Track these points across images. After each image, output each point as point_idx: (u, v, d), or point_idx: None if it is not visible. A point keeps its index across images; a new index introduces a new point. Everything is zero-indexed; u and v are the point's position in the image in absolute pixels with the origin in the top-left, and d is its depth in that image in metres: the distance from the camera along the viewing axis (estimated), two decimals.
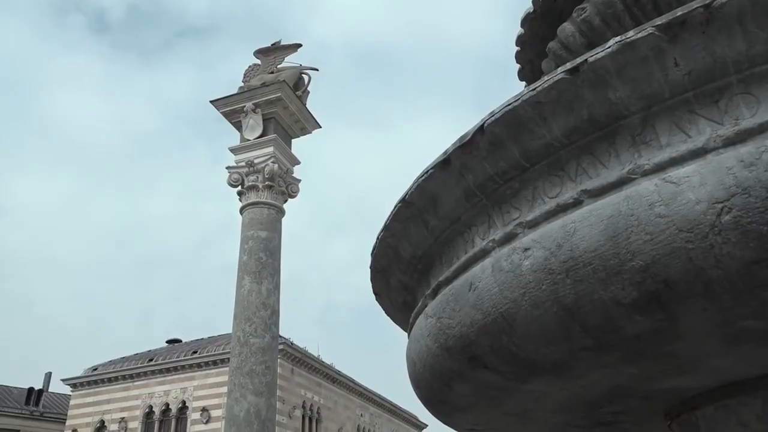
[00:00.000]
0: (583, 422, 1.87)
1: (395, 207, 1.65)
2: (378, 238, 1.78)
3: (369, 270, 1.94)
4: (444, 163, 1.46)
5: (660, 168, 1.14)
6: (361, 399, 50.95)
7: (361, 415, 50.17)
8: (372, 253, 1.86)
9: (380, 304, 2.15)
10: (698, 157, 1.11)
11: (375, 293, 2.07)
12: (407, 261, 1.77)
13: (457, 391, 1.61)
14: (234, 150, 12.34)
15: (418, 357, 1.66)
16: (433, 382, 1.65)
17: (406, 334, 1.94)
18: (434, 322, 1.52)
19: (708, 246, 1.05)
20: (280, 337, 14.32)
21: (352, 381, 49.49)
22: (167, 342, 47.76)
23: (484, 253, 1.41)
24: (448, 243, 1.59)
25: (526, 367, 1.41)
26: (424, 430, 64.11)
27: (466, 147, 1.40)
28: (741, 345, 1.28)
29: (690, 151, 1.13)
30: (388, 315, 2.20)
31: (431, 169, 1.49)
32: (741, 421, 1.57)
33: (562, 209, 1.25)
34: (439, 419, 1.97)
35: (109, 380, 42.44)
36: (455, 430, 2.10)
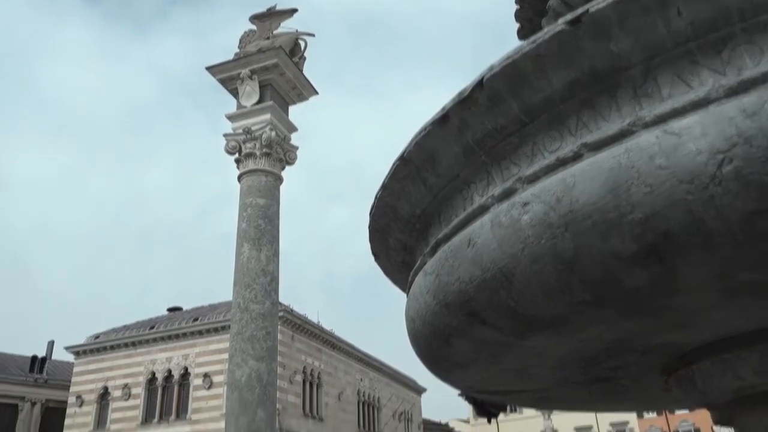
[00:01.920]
0: (581, 378, 1.89)
1: (393, 165, 1.64)
2: (376, 197, 1.77)
3: (367, 230, 1.93)
4: (442, 120, 1.44)
5: (661, 120, 1.13)
6: (361, 364, 51.64)
7: (361, 380, 50.91)
8: (370, 213, 1.85)
9: (379, 265, 2.15)
10: (700, 107, 1.09)
11: (374, 254, 2.07)
12: (406, 220, 1.76)
13: (455, 347, 1.62)
14: (231, 117, 12.25)
15: (417, 314, 1.67)
16: (431, 338, 1.66)
17: (404, 302, 1.94)
18: (433, 279, 1.52)
19: (708, 197, 1.04)
20: (280, 304, 14.43)
21: (352, 347, 50.10)
22: (168, 310, 48.18)
23: (482, 210, 1.40)
24: (447, 201, 1.59)
25: (525, 323, 1.42)
26: (423, 394, 65.13)
27: (464, 103, 1.38)
28: (739, 298, 1.29)
29: (692, 102, 1.11)
30: (386, 275, 2.21)
31: (429, 125, 1.48)
32: (737, 375, 1.59)
33: (562, 163, 1.24)
34: (438, 377, 1.99)
35: (112, 348, 42.94)
36: (454, 387, 2.12)
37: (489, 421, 2.36)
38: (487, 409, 2.28)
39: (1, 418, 44.03)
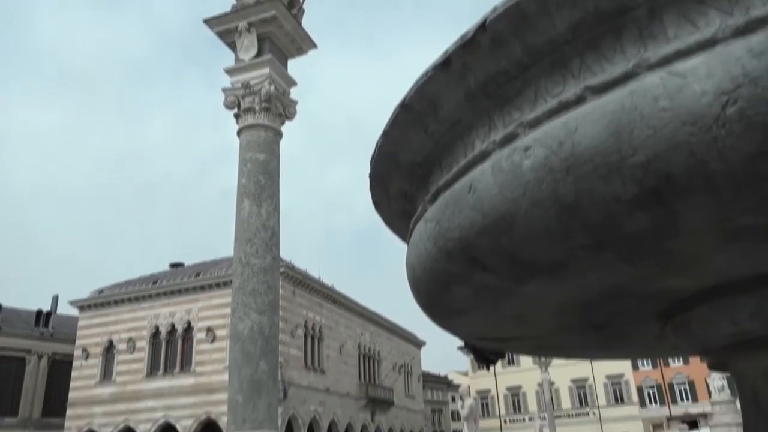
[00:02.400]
0: (580, 325, 1.92)
1: (394, 112, 1.62)
2: (377, 145, 1.76)
3: (368, 179, 1.93)
4: (444, 64, 1.42)
5: (666, 61, 1.11)
6: (362, 319, 52.42)
7: (362, 334, 51.77)
8: (371, 162, 1.85)
9: (379, 214, 2.16)
10: (706, 48, 1.08)
11: (374, 203, 2.08)
12: (407, 168, 1.76)
13: (455, 294, 1.64)
14: (229, 71, 12.09)
15: (417, 262, 1.68)
16: (432, 285, 1.67)
17: (403, 257, 1.95)
18: (433, 226, 1.53)
19: (711, 139, 1.04)
20: (281, 260, 14.54)
21: (352, 302, 50.76)
22: (170, 266, 48.58)
23: (484, 156, 1.40)
24: (448, 147, 1.58)
25: (525, 268, 1.43)
26: (423, 347, 66.33)
27: (467, 46, 1.36)
28: (739, 242, 1.29)
29: (698, 42, 1.09)
30: (387, 225, 2.22)
31: (431, 70, 1.46)
32: (734, 320, 1.61)
33: (565, 107, 1.23)
34: (438, 324, 2.02)
35: (116, 303, 43.48)
36: (454, 335, 2.15)
37: (487, 368, 2.41)
38: (486, 356, 2.32)
39: (9, 370, 44.96)
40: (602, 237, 1.26)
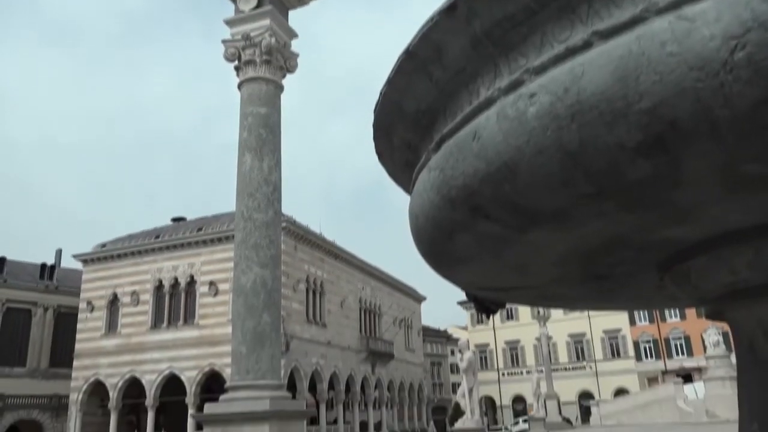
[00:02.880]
0: (579, 275, 1.94)
1: (398, 60, 1.61)
2: (381, 93, 1.75)
3: (372, 128, 1.93)
4: (450, 9, 1.40)
5: (674, 5, 1.10)
6: (363, 274, 52.93)
7: (363, 289, 52.36)
8: (375, 111, 1.84)
9: (383, 165, 2.16)
10: None
11: (377, 153, 2.08)
12: (411, 117, 1.75)
13: (458, 242, 1.66)
14: (229, 22, 11.89)
15: (420, 211, 1.69)
16: (434, 234, 1.69)
17: (404, 213, 1.95)
18: (437, 174, 1.54)
19: (718, 85, 1.03)
20: (283, 215, 14.59)
21: (354, 257, 51.15)
22: (172, 220, 48.79)
23: (488, 103, 1.39)
24: (453, 95, 1.57)
25: (527, 217, 1.44)
26: (423, 302, 67.16)
27: None
28: (740, 191, 1.30)
29: None
30: (390, 176, 2.22)
31: (436, 16, 1.44)
32: (732, 270, 1.63)
33: (571, 53, 1.22)
34: (440, 273, 2.04)
35: (119, 256, 43.85)
36: (455, 284, 2.18)
37: (488, 317, 2.45)
38: (487, 306, 2.36)
39: (16, 322, 45.73)
40: (604, 185, 1.27)
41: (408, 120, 1.77)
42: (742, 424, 1.79)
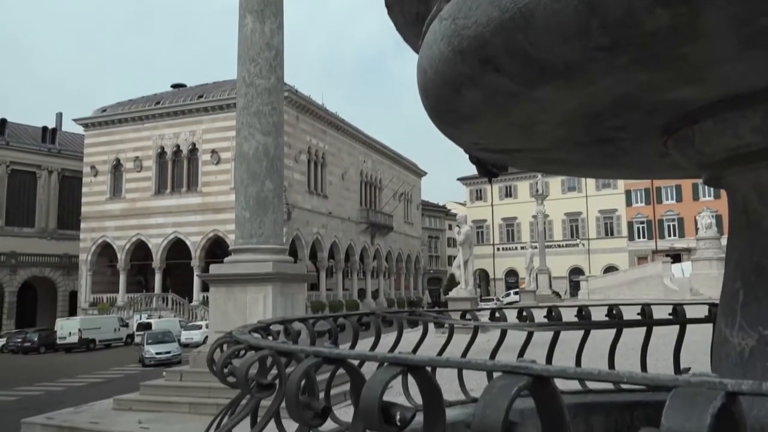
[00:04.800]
0: (584, 137, 1.96)
1: None
2: None
3: None
4: None
5: None
6: (364, 147, 52.92)
7: (364, 162, 52.60)
8: None
9: (392, 19, 2.10)
10: None
11: (387, 5, 2.01)
12: None
13: (466, 97, 1.66)
14: None
15: (429, 64, 1.67)
16: (442, 88, 1.68)
17: (409, 84, 1.91)
18: (449, 24, 1.50)
19: None
20: (285, 84, 14.29)
21: (356, 129, 50.87)
22: (172, 86, 47.92)
23: None
24: None
25: (538, 70, 1.43)
26: (423, 177, 67.71)
27: None
28: (755, 49, 1.28)
29: None
30: (398, 31, 2.16)
31: None
32: (736, 134, 1.64)
33: None
34: (444, 132, 2.05)
35: (119, 121, 43.60)
36: (459, 144, 2.20)
37: (489, 182, 2.50)
38: (488, 168, 2.40)
39: (22, 183, 46.35)
40: (620, 36, 1.24)
41: None
42: (726, 283, 1.89)
